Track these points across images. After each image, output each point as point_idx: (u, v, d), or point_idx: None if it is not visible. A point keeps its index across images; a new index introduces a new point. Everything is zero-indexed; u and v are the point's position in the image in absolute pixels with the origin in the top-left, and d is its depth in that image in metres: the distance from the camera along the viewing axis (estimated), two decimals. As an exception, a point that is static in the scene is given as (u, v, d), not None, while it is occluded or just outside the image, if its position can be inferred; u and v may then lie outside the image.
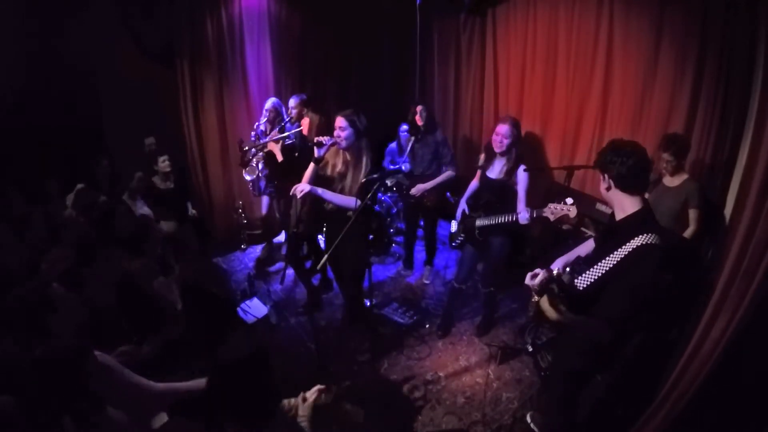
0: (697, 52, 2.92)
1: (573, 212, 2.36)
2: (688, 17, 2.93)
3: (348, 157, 2.74)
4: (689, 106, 3.03)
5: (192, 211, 4.34)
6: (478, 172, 3.17)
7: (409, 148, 3.74)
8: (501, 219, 2.83)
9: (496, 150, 2.93)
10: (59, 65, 3.74)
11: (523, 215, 2.67)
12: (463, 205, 3.16)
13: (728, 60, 2.77)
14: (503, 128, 2.88)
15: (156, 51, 4.09)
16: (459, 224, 3.15)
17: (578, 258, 1.99)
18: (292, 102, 3.97)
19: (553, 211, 2.44)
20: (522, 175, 2.88)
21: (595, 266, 1.74)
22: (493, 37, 4.46)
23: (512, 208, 2.83)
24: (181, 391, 1.90)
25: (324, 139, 2.72)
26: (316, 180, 2.80)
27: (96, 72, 3.96)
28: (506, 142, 2.88)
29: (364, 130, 2.67)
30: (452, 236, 3.27)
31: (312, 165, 2.81)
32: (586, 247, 2.08)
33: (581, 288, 1.77)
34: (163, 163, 4.01)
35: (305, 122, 3.89)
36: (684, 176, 2.85)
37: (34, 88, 3.63)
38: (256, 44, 4.50)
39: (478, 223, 2.98)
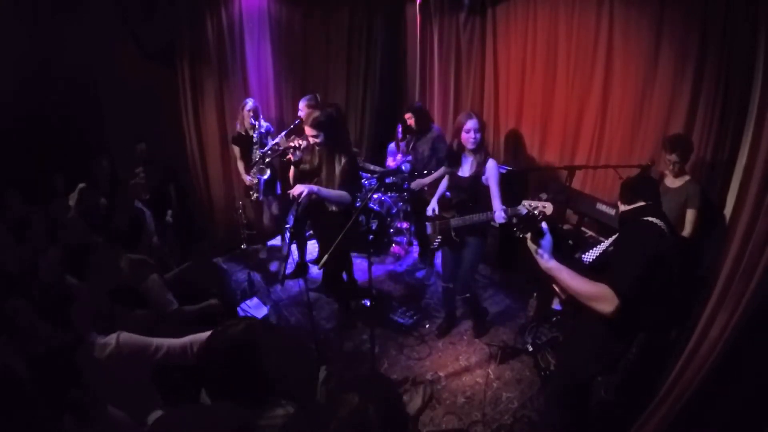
0: (697, 52, 2.92)
1: (549, 209, 2.30)
2: (688, 17, 2.94)
3: (322, 152, 2.89)
4: (689, 106, 3.03)
5: (168, 219, 4.16)
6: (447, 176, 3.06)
7: (411, 147, 3.77)
8: (476, 218, 2.74)
9: (470, 147, 2.78)
10: (59, 66, 3.73)
11: (499, 214, 2.57)
12: (433, 205, 3.01)
13: (728, 60, 2.77)
14: (473, 122, 2.73)
15: (156, 51, 4.08)
16: (433, 226, 3.01)
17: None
18: (302, 104, 3.97)
19: (527, 208, 2.40)
20: (492, 170, 2.75)
21: (602, 244, 1.97)
22: (493, 37, 4.46)
23: (486, 206, 2.73)
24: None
25: (298, 142, 2.94)
26: (299, 177, 3.00)
27: (96, 72, 3.95)
28: (479, 136, 2.75)
29: (333, 123, 2.74)
30: (430, 238, 3.10)
31: (292, 167, 3.03)
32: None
33: (587, 262, 1.90)
34: (139, 175, 3.96)
35: None
36: (686, 177, 2.86)
37: (34, 88, 3.62)
38: (256, 44, 4.50)
39: (453, 223, 2.87)
